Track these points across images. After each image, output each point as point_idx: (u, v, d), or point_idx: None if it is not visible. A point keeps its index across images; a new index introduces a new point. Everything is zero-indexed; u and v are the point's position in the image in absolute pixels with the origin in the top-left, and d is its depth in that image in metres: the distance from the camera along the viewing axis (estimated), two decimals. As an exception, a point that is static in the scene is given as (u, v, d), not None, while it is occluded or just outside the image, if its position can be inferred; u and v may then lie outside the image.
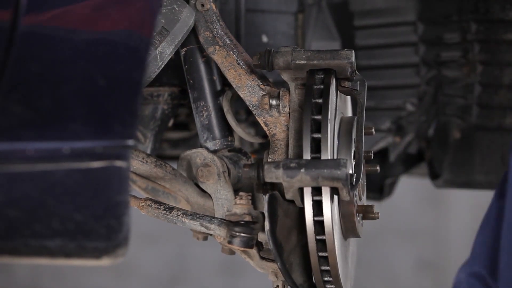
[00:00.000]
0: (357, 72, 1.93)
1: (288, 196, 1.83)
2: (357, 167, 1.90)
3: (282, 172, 1.79)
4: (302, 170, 1.78)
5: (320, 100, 1.86)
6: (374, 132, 2.03)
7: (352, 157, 1.91)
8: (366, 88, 1.94)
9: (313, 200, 1.82)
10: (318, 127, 1.84)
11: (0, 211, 1.45)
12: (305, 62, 1.88)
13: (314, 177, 1.77)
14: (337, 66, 1.88)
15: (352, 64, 1.88)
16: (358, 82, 1.94)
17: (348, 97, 2.09)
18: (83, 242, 1.48)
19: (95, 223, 1.48)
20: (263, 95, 1.96)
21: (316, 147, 1.84)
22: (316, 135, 1.84)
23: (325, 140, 1.83)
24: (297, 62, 1.88)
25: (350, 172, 1.86)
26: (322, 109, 1.85)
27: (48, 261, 1.51)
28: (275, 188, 1.91)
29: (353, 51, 1.89)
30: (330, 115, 1.85)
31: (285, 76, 1.93)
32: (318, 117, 1.85)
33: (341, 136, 1.93)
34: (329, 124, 1.83)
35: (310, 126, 1.84)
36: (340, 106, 1.96)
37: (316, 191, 1.82)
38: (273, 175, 1.79)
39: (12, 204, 1.46)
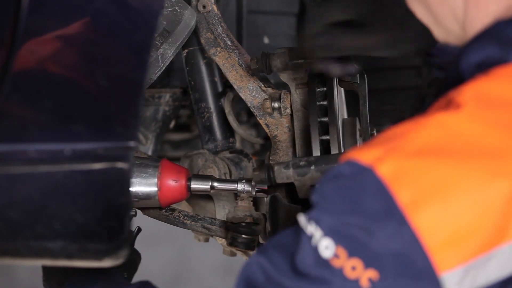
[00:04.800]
0: (355, 65, 1.93)
1: (301, 195, 1.82)
2: None
3: (293, 171, 1.77)
4: (312, 167, 1.77)
5: (325, 102, 1.86)
6: (375, 134, 2.03)
7: None
8: (366, 80, 1.94)
9: None
10: (325, 129, 1.84)
11: (2, 213, 1.45)
12: (303, 61, 1.88)
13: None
14: None
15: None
16: (358, 75, 1.94)
17: (343, 96, 2.08)
18: (85, 243, 1.48)
19: (96, 225, 1.48)
20: (265, 99, 1.95)
21: (325, 149, 1.84)
22: (324, 137, 1.84)
23: (334, 141, 1.83)
24: (295, 61, 1.88)
25: None
26: (328, 111, 1.84)
27: (50, 262, 1.50)
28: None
29: None
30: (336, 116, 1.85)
31: (284, 77, 1.93)
32: (325, 119, 1.85)
33: (345, 136, 1.93)
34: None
35: (317, 128, 1.84)
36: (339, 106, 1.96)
37: None
38: (284, 175, 1.78)
39: (14, 206, 1.45)
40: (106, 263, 1.50)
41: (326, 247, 1.22)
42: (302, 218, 1.26)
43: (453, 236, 1.20)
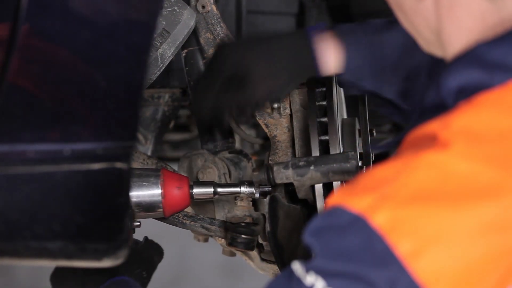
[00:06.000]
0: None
1: (301, 195, 1.82)
2: (366, 157, 1.90)
3: (292, 171, 1.77)
4: (312, 167, 1.76)
5: (324, 102, 1.86)
6: (375, 134, 2.03)
7: (358, 154, 1.91)
8: None
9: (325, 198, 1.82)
10: (324, 129, 1.84)
11: (1, 213, 1.45)
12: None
13: (324, 173, 1.76)
14: None
15: None
16: None
17: (342, 96, 2.08)
18: (84, 243, 1.48)
19: (95, 225, 1.48)
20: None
21: (324, 149, 1.84)
22: (323, 137, 1.84)
23: (333, 141, 1.83)
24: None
25: (359, 164, 1.86)
26: (327, 111, 1.85)
27: (49, 262, 1.50)
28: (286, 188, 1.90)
29: None
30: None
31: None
32: (324, 119, 1.85)
33: (345, 136, 1.93)
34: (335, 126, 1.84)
35: (317, 128, 1.84)
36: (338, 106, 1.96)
37: (327, 190, 1.82)
38: (283, 175, 1.78)
39: (13, 206, 1.45)
40: (106, 263, 1.50)
41: None
42: (297, 267, 1.23)
43: (457, 282, 1.17)
